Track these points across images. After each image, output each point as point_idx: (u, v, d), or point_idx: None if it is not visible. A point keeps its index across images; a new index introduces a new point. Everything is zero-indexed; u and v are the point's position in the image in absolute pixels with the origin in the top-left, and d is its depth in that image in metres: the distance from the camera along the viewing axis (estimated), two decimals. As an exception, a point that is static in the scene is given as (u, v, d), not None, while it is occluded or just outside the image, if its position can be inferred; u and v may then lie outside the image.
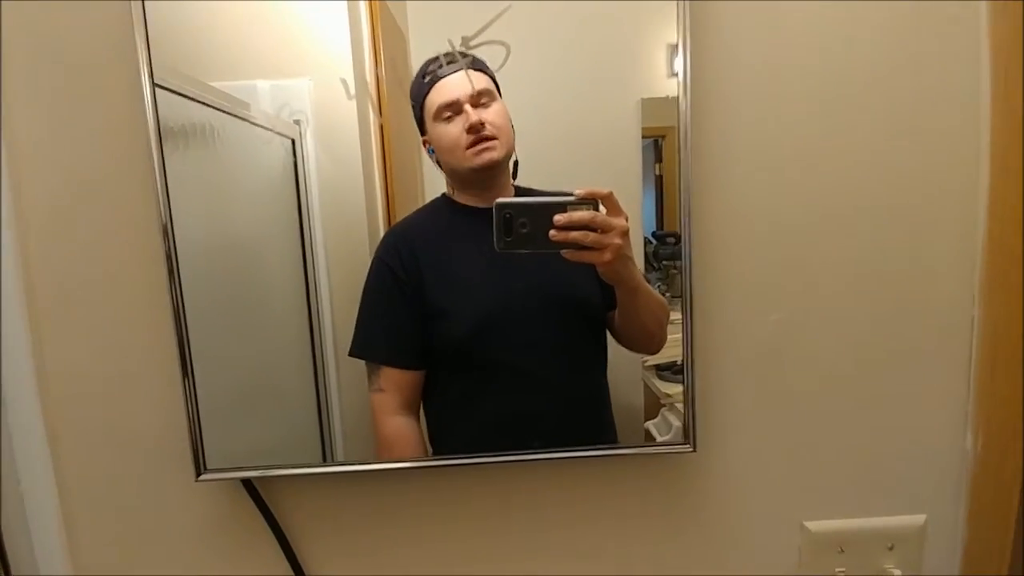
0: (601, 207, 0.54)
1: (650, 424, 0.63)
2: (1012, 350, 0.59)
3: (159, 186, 0.54)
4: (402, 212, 0.60)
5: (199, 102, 0.57)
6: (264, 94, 0.58)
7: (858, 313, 0.61)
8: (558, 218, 0.53)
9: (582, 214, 0.53)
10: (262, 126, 0.58)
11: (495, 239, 0.54)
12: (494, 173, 0.58)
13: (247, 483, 0.61)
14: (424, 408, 0.62)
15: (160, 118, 0.54)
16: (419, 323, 0.60)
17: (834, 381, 0.62)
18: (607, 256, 0.54)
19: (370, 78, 0.57)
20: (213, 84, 0.56)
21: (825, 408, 0.62)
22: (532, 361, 0.60)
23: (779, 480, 0.64)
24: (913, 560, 0.65)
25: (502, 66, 0.57)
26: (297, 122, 0.58)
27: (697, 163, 0.57)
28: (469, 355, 0.60)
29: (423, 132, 0.58)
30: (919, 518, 0.65)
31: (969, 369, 0.62)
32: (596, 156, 0.60)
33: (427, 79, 0.57)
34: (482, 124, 0.56)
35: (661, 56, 0.57)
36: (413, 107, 0.58)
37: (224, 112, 0.58)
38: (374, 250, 0.59)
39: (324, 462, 0.62)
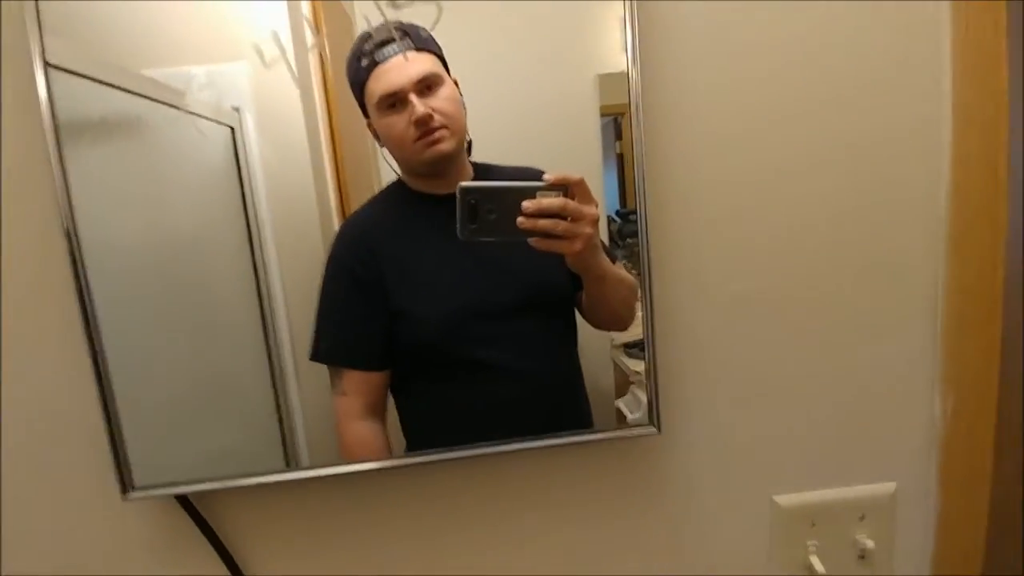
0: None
1: (620, 402, 0.62)
2: (981, 311, 0.59)
3: (58, 180, 0.50)
4: (356, 200, 0.57)
5: (120, 89, 0.52)
6: (198, 80, 0.54)
7: (821, 281, 0.61)
8: (527, 205, 0.51)
9: (552, 201, 0.51)
10: (195, 113, 0.54)
11: (459, 227, 0.51)
12: (448, 162, 0.55)
13: (183, 500, 0.57)
14: (396, 407, 0.60)
15: (72, 109, 0.49)
16: (381, 322, 0.57)
17: (798, 351, 0.62)
18: (577, 246, 0.52)
19: (312, 53, 0.54)
20: (144, 72, 0.52)
21: (790, 379, 0.62)
22: (504, 353, 0.58)
23: (746, 455, 0.63)
24: (885, 530, 0.65)
25: (434, 25, 0.53)
26: (236, 109, 0.55)
27: (651, 138, 0.56)
28: (438, 352, 0.58)
29: (366, 116, 0.55)
30: (889, 486, 0.64)
31: (935, 332, 0.62)
32: (554, 135, 0.58)
33: (364, 63, 0.52)
34: (430, 116, 0.52)
35: (616, 30, 0.56)
36: (352, 90, 0.54)
37: (150, 99, 0.53)
38: (328, 242, 0.56)
39: (288, 468, 0.58)
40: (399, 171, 0.56)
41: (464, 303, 0.57)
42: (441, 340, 0.57)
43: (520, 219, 0.51)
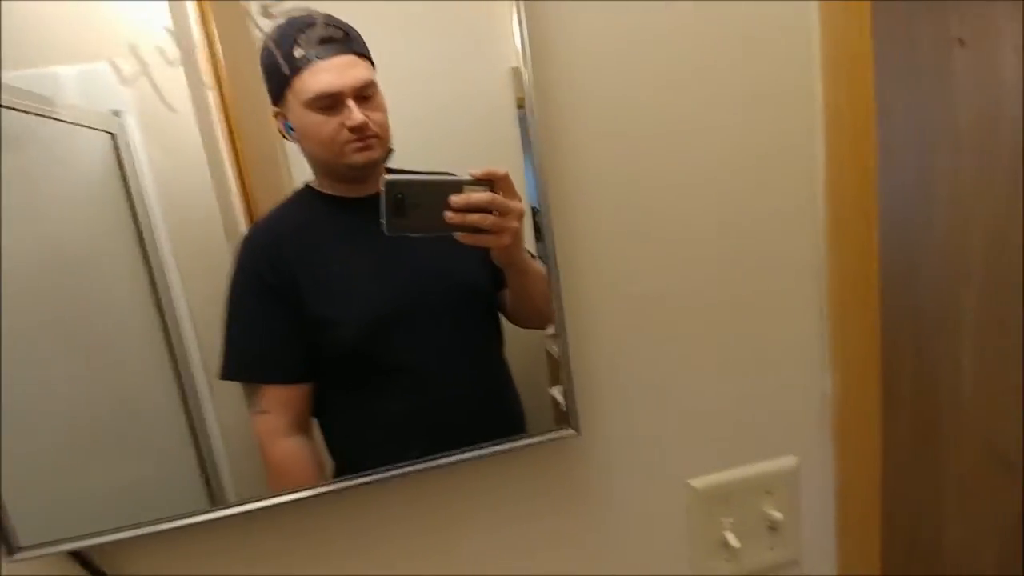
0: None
1: (554, 390, 0.63)
2: (860, 297, 0.65)
3: None
4: (264, 203, 0.53)
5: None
6: (69, 82, 0.48)
7: (716, 276, 0.63)
8: (455, 199, 0.50)
9: (481, 196, 0.51)
10: (66, 121, 0.48)
11: (384, 221, 0.50)
12: (373, 167, 0.53)
13: (79, 556, 0.52)
14: (320, 428, 0.57)
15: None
16: (299, 331, 0.54)
17: (700, 342, 0.64)
18: (505, 240, 0.52)
19: (200, 45, 0.50)
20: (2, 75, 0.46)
21: (695, 369, 0.65)
22: (430, 358, 0.58)
23: (660, 444, 0.66)
24: (791, 501, 0.69)
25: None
26: (116, 113, 0.49)
27: (548, 135, 0.56)
28: (359, 359, 0.56)
29: (276, 103, 0.51)
30: (791, 460, 0.69)
31: (821, 318, 0.66)
32: (471, 130, 0.57)
33: (298, 55, 0.49)
34: (366, 125, 0.51)
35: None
36: (269, 76, 0.51)
37: (8, 108, 0.47)
38: (235, 250, 0.52)
39: (214, 506, 0.54)
40: (312, 171, 0.54)
41: (384, 307, 0.56)
42: (362, 346, 0.56)
43: (448, 214, 0.51)
